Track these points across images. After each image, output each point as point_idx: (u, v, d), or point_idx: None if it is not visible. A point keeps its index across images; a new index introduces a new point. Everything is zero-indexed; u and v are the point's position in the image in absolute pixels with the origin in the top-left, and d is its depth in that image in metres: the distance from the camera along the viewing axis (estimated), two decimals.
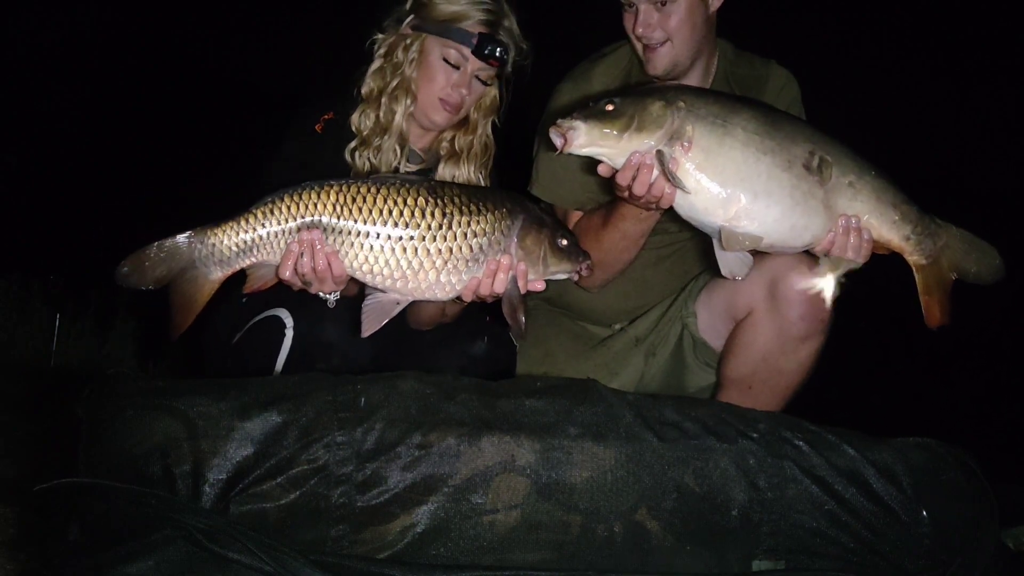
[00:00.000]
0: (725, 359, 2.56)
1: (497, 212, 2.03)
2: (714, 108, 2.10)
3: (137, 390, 1.66)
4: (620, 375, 2.70)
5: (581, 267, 2.09)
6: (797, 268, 2.38)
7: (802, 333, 2.41)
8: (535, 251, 2.04)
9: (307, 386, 1.69)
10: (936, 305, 2.20)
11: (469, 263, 2.00)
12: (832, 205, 2.12)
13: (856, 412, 2.45)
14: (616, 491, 1.68)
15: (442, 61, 2.37)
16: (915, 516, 1.75)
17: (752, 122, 2.10)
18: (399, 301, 2.04)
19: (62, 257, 6.45)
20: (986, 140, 9.68)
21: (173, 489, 1.55)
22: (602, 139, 2.06)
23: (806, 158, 2.10)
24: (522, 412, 1.71)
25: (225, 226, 1.98)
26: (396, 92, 2.39)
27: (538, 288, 2.09)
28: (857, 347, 6.39)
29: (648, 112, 2.06)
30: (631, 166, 2.07)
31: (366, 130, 2.39)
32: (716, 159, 2.07)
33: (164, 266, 1.96)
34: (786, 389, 2.47)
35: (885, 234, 2.16)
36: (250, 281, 2.05)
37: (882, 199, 2.14)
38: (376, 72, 2.41)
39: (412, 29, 2.38)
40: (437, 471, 1.63)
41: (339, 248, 1.97)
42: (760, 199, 2.08)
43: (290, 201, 1.98)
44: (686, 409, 1.79)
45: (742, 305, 2.50)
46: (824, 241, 2.14)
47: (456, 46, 2.35)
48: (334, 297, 2.09)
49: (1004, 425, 5.43)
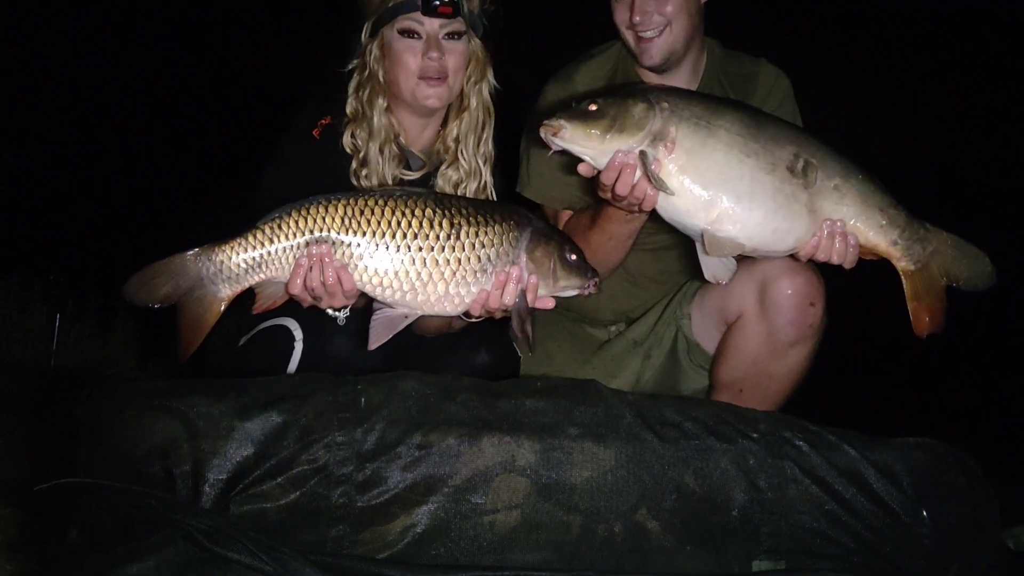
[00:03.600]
0: (716, 362, 2.55)
1: (505, 224, 2.01)
2: (698, 109, 2.08)
3: (137, 391, 1.66)
4: (619, 377, 2.70)
5: (590, 284, 2.06)
6: (787, 273, 2.36)
7: (791, 338, 2.40)
8: (545, 263, 2.02)
9: (307, 386, 1.69)
10: (925, 312, 2.16)
11: (478, 274, 1.98)
12: (817, 209, 2.08)
13: (856, 412, 2.45)
14: (616, 491, 1.68)
15: (402, 38, 2.32)
16: (915, 516, 1.75)
17: (736, 124, 2.07)
18: (407, 315, 2.03)
19: (62, 257, 6.45)
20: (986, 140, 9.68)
21: (173, 489, 1.55)
22: (585, 139, 2.05)
23: (790, 161, 2.07)
24: (522, 412, 1.71)
25: (233, 243, 1.96)
26: (371, 96, 2.36)
27: (548, 306, 2.07)
28: (857, 347, 6.40)
29: (631, 113, 2.05)
30: (614, 167, 2.06)
31: (361, 147, 2.36)
32: (699, 161, 2.05)
33: (171, 284, 1.95)
34: (777, 394, 2.46)
35: (871, 239, 2.12)
36: (259, 300, 2.03)
37: (869, 203, 2.11)
38: (354, 89, 2.38)
39: (369, 36, 2.36)
40: (437, 471, 1.63)
41: (348, 262, 1.96)
42: (743, 202, 2.05)
43: (298, 216, 1.96)
44: (686, 409, 1.79)
45: (732, 309, 2.49)
46: (808, 245, 2.11)
47: (406, 16, 2.30)
48: (344, 314, 2.09)
49: (1004, 425, 5.43)
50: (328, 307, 2.05)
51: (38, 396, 3.69)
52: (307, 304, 2.03)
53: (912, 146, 8.05)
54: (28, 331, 5.25)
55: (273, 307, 2.06)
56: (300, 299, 2.02)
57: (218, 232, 2.02)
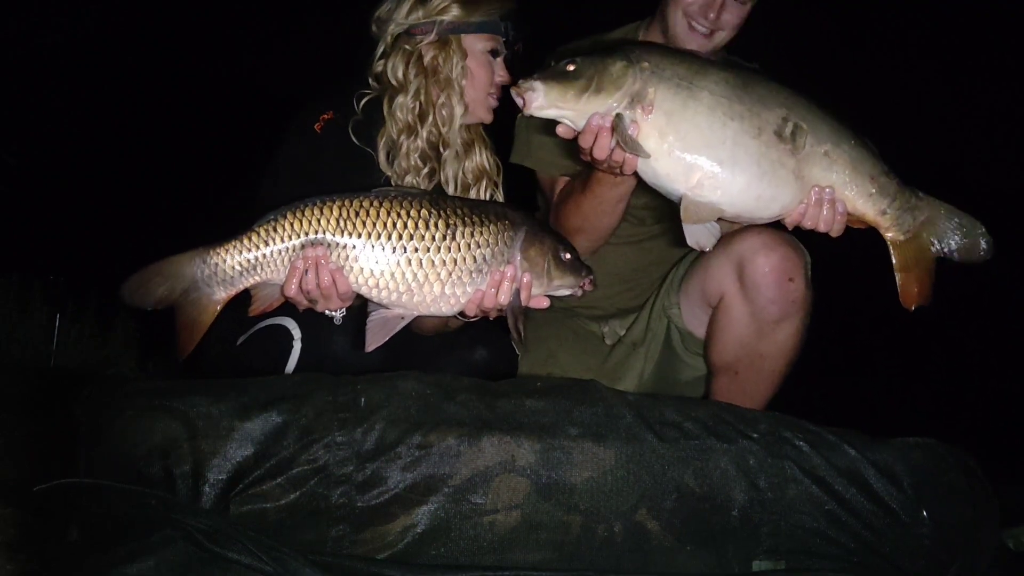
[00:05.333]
0: (707, 346, 2.51)
1: (500, 223, 2.01)
2: (680, 69, 2.00)
3: (137, 391, 1.66)
4: (624, 380, 2.68)
5: (584, 282, 2.06)
6: (763, 250, 2.31)
7: (775, 316, 2.34)
8: (539, 262, 2.02)
9: (307, 386, 1.69)
10: (914, 283, 2.08)
11: (473, 274, 1.98)
12: (805, 175, 2.01)
13: (856, 412, 2.45)
14: (616, 491, 1.68)
15: (485, 56, 2.37)
16: (915, 516, 1.74)
17: (721, 85, 1.99)
18: (403, 316, 2.03)
19: (62, 257, 6.46)
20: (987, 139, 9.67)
21: (173, 489, 1.55)
22: (561, 101, 1.98)
23: (778, 124, 1.99)
24: (522, 412, 1.71)
25: (228, 245, 1.96)
26: (445, 103, 2.37)
27: (543, 305, 2.07)
28: (858, 347, 6.40)
29: (608, 72, 1.98)
30: (590, 130, 1.99)
31: (415, 160, 2.37)
32: (679, 123, 1.98)
33: (167, 286, 1.95)
34: (773, 372, 2.41)
35: (860, 207, 2.05)
36: (255, 303, 2.04)
37: (859, 170, 2.03)
38: (415, 91, 2.37)
39: (441, 32, 2.35)
40: (437, 471, 1.63)
41: (343, 264, 1.96)
42: (725, 167, 1.97)
43: (292, 218, 1.96)
44: (686, 409, 1.79)
45: (713, 291, 2.44)
46: (795, 213, 2.04)
47: (494, 38, 2.37)
48: (340, 315, 2.09)
49: (1004, 425, 5.43)
50: (324, 309, 2.05)
51: (38, 396, 3.69)
52: (303, 307, 2.04)
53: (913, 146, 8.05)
54: (28, 331, 5.25)
55: (269, 309, 2.06)
56: (296, 302, 2.02)
57: (219, 232, 2.02)
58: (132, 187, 9.22)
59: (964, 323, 2.26)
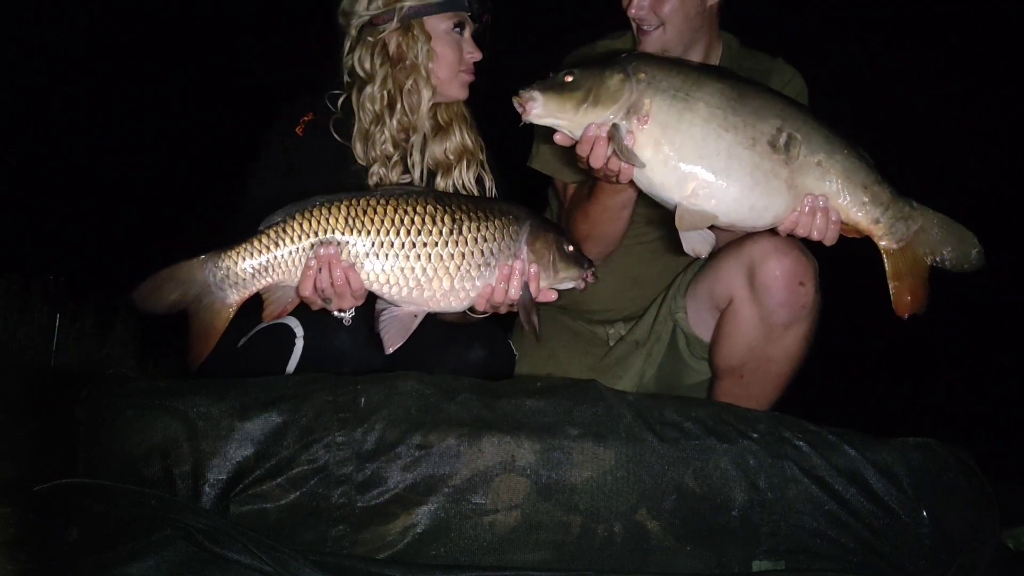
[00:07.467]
0: (713, 350, 2.52)
1: (505, 218, 2.04)
2: (677, 80, 2.03)
3: (137, 390, 1.66)
4: (624, 379, 2.69)
5: (587, 274, 2.09)
6: (775, 254, 2.32)
7: (785, 320, 2.35)
8: (545, 255, 2.05)
9: (307, 386, 1.69)
10: (906, 291, 2.10)
11: (481, 268, 2.01)
12: (798, 185, 2.03)
13: (856, 412, 2.45)
14: (616, 491, 1.68)
15: (450, 35, 2.37)
16: (915, 516, 1.74)
17: (716, 96, 2.02)
18: (416, 314, 2.04)
19: (62, 257, 6.46)
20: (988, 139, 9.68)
21: (173, 489, 1.55)
22: (559, 111, 2.02)
23: (773, 135, 2.02)
24: (522, 412, 1.71)
25: (239, 248, 1.96)
26: (412, 88, 2.37)
27: (551, 298, 2.09)
28: (858, 347, 6.40)
29: (605, 84, 2.01)
30: (587, 139, 2.03)
31: (386, 147, 2.37)
32: (673, 135, 2.01)
33: (179, 291, 1.95)
34: (778, 377, 2.42)
35: (853, 216, 2.07)
36: (268, 307, 2.04)
37: (852, 180, 2.05)
38: (383, 80, 2.37)
39: (403, 19, 2.34)
40: (437, 471, 1.63)
41: (354, 262, 1.97)
42: (719, 178, 2.00)
43: (302, 219, 1.97)
44: (686, 409, 1.79)
45: (722, 294, 2.45)
46: (788, 221, 2.06)
47: (458, 13, 2.36)
48: (350, 315, 2.09)
49: (1004, 425, 5.43)
50: (336, 309, 2.05)
51: (38, 396, 3.69)
52: (317, 307, 2.04)
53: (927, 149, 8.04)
54: (28, 331, 5.25)
55: (284, 314, 2.07)
56: (310, 301, 2.02)
57: (218, 232, 2.02)
58: (132, 187, 9.21)
59: (964, 323, 2.26)
